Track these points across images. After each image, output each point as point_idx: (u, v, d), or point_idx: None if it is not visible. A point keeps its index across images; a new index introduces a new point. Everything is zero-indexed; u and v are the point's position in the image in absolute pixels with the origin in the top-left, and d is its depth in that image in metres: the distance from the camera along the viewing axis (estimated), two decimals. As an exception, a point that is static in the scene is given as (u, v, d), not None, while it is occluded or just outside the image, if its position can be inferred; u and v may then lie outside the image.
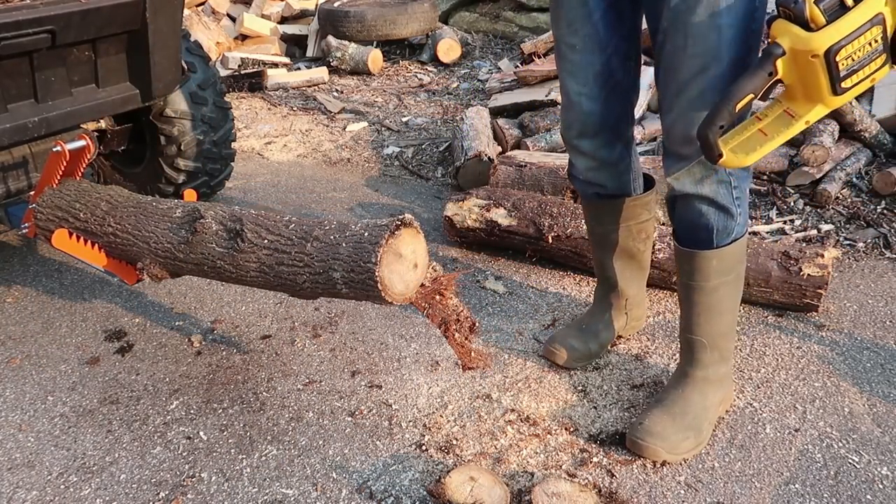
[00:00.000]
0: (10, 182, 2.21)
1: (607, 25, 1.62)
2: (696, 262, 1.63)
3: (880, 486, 1.59)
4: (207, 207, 1.76)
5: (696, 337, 1.71)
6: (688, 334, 1.72)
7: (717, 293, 1.65)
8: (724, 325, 1.70)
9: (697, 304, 1.67)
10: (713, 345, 1.71)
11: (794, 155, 2.96)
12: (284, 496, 1.60)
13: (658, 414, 1.69)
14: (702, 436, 1.69)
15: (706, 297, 1.66)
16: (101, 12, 2.02)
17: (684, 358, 1.76)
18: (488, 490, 1.53)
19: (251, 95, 4.71)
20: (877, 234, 2.64)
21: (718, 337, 1.70)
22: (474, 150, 3.12)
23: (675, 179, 1.59)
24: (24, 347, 2.13)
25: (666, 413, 1.69)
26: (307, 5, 5.70)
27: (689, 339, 1.73)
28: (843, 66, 1.34)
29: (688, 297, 1.69)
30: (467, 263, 2.58)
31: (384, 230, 1.46)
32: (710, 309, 1.67)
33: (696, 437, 1.68)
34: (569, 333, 2.01)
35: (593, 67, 1.66)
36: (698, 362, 1.73)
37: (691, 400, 1.71)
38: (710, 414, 1.72)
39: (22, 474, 1.67)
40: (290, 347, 2.11)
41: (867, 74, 1.36)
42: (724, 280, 1.64)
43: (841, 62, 1.33)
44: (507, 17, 5.75)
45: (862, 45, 1.32)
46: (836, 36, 1.31)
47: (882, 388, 1.89)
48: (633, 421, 1.73)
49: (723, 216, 1.59)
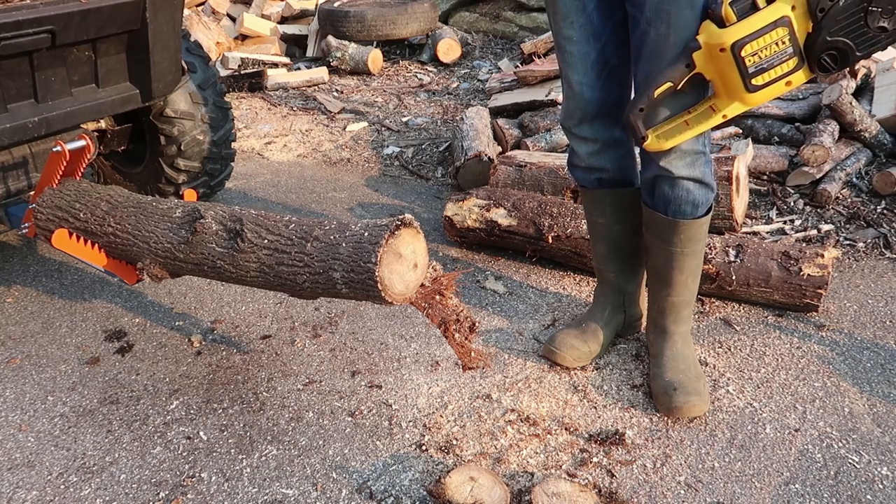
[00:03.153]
0: (10, 182, 2.21)
1: (601, 15, 1.68)
2: (689, 231, 1.76)
3: (880, 486, 1.59)
4: (207, 207, 1.76)
5: (683, 298, 1.86)
6: (674, 298, 1.86)
7: (700, 256, 1.83)
8: (696, 285, 1.88)
9: (687, 268, 1.82)
10: (692, 301, 1.89)
11: (794, 155, 2.96)
12: (284, 496, 1.60)
13: (672, 375, 1.82)
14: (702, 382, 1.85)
15: (694, 260, 1.82)
16: (101, 12, 2.02)
17: (668, 319, 1.89)
18: (488, 490, 1.52)
19: (251, 95, 4.71)
20: (877, 234, 2.64)
21: (693, 296, 1.89)
22: (474, 150, 3.11)
23: (669, 163, 1.69)
24: (24, 347, 2.13)
25: (679, 373, 1.82)
26: (307, 5, 5.70)
27: (674, 303, 1.87)
28: (749, 61, 1.47)
29: (678, 263, 1.81)
30: (467, 263, 2.58)
31: (384, 230, 1.46)
32: (696, 269, 1.85)
33: (705, 388, 1.83)
34: (568, 333, 2.01)
35: (590, 57, 1.72)
36: (685, 319, 1.90)
37: (686, 354, 1.88)
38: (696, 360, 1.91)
39: (22, 474, 1.67)
40: (290, 347, 2.11)
41: (779, 75, 1.48)
42: (702, 244, 1.82)
43: (747, 58, 1.47)
44: (507, 17, 5.75)
45: (768, 44, 1.45)
46: (741, 32, 1.45)
47: (882, 388, 1.89)
48: (659, 391, 1.83)
49: (705, 191, 1.74)
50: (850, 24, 1.43)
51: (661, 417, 1.80)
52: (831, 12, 1.42)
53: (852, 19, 1.42)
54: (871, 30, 1.43)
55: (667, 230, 1.79)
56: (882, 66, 3.27)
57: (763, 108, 3.11)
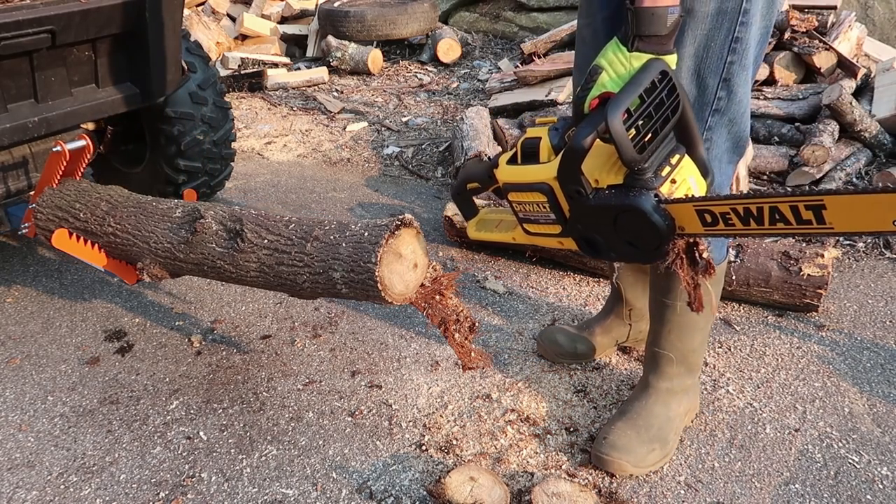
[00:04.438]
0: (10, 182, 2.21)
1: (608, 29, 1.56)
2: (675, 281, 1.59)
3: (880, 486, 1.59)
4: (207, 207, 1.76)
5: (664, 351, 1.69)
6: (655, 348, 1.70)
7: (692, 313, 1.61)
8: (696, 342, 1.69)
9: (670, 322, 1.65)
10: (681, 359, 1.69)
11: (794, 155, 2.96)
12: (284, 496, 1.60)
13: (622, 427, 1.66)
14: (668, 447, 1.66)
15: (680, 317, 1.63)
16: (101, 12, 2.02)
17: (648, 369, 1.73)
18: (488, 490, 1.52)
19: (251, 95, 4.71)
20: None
21: (689, 353, 1.69)
22: (474, 150, 3.11)
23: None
24: (24, 347, 2.13)
25: (630, 426, 1.66)
26: (307, 5, 5.70)
27: (655, 353, 1.70)
28: (517, 207, 1.38)
29: (661, 314, 1.66)
30: (467, 263, 2.58)
31: (384, 230, 1.46)
32: (683, 327, 1.65)
33: (661, 449, 1.65)
34: (560, 330, 2.01)
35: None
36: (663, 374, 1.71)
37: (654, 412, 1.68)
38: (675, 424, 1.69)
39: (22, 474, 1.67)
40: (290, 347, 2.11)
41: (549, 233, 1.36)
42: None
43: (514, 203, 1.38)
44: (507, 17, 5.75)
45: (529, 202, 1.34)
46: (509, 177, 1.36)
47: (882, 388, 1.89)
48: (597, 435, 1.70)
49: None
50: (598, 225, 1.27)
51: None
52: (578, 204, 1.26)
53: (602, 223, 1.26)
54: (620, 241, 1.26)
55: (654, 272, 1.65)
56: (882, 66, 3.27)
57: (763, 108, 3.11)
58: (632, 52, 1.18)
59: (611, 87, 1.18)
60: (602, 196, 1.24)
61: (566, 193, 1.27)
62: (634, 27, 1.17)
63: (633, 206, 1.19)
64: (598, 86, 1.19)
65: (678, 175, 1.23)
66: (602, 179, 1.24)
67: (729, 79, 1.40)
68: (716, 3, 1.34)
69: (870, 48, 3.61)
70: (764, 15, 1.40)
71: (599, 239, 1.28)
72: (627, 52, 1.19)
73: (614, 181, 1.23)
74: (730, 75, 1.39)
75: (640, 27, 1.17)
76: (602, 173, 1.24)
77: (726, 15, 1.35)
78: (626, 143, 1.14)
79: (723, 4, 1.34)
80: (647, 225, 1.19)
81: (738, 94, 1.42)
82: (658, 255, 1.24)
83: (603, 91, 1.19)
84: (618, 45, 1.20)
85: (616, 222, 1.23)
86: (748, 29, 1.36)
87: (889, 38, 4.47)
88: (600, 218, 1.25)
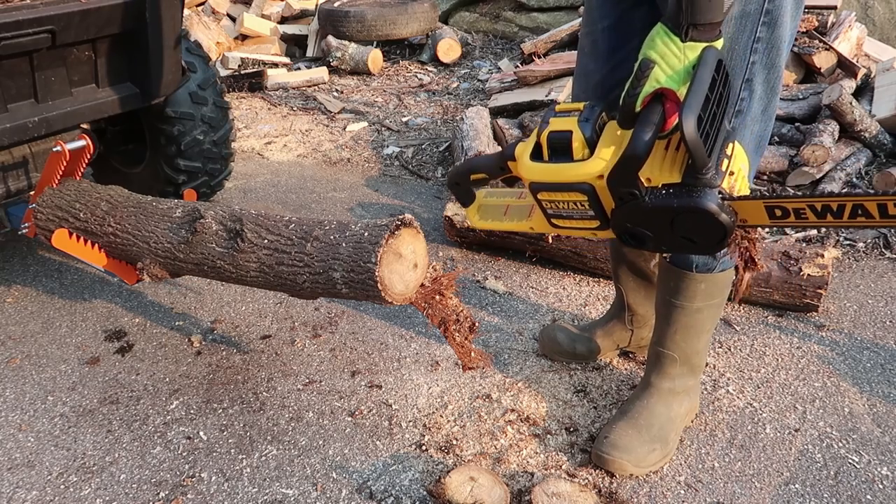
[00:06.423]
0: (10, 182, 2.21)
1: (608, 40, 1.54)
2: (685, 282, 1.59)
3: (880, 486, 1.59)
4: (207, 207, 1.76)
5: (667, 352, 1.68)
6: (659, 348, 1.69)
7: (699, 314, 1.63)
8: (700, 344, 1.68)
9: (676, 323, 1.64)
10: (684, 360, 1.68)
11: (794, 155, 2.96)
12: (284, 496, 1.60)
13: (623, 426, 1.66)
14: (668, 447, 1.66)
15: (687, 318, 1.63)
16: (101, 12, 2.02)
17: (651, 368, 1.73)
18: (488, 490, 1.52)
19: (251, 95, 4.71)
20: (877, 234, 2.64)
21: (692, 354, 1.68)
22: (474, 150, 3.11)
23: None
24: (24, 347, 2.13)
25: (631, 426, 1.66)
26: (307, 5, 5.70)
27: (659, 353, 1.70)
28: (547, 205, 1.29)
29: (668, 314, 1.65)
30: (467, 263, 2.58)
31: (384, 230, 1.46)
32: (689, 329, 1.64)
33: (662, 449, 1.65)
34: (561, 328, 2.01)
35: (594, 76, 1.59)
36: (666, 374, 1.70)
37: (656, 411, 1.68)
38: (676, 424, 1.69)
39: (22, 474, 1.67)
40: (290, 347, 2.11)
41: (580, 227, 1.30)
42: (708, 303, 1.62)
43: (543, 201, 1.28)
44: (507, 17, 5.74)
45: (564, 200, 1.26)
46: (539, 176, 1.25)
47: (882, 388, 1.89)
48: (598, 434, 1.70)
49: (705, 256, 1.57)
50: (652, 224, 1.21)
51: (661, 417, 1.80)
52: (631, 205, 1.19)
53: (657, 222, 1.20)
54: (675, 237, 1.21)
55: (664, 271, 1.64)
56: (882, 66, 3.27)
57: (763, 108, 3.11)
58: (685, 42, 1.09)
59: (667, 84, 1.09)
60: (659, 197, 1.16)
61: (616, 195, 1.19)
62: (689, 15, 1.07)
63: (699, 208, 1.13)
64: (652, 81, 1.10)
65: (734, 165, 1.18)
66: (655, 178, 1.17)
67: (751, 79, 1.39)
68: (740, 5, 1.33)
69: (870, 48, 3.61)
70: (793, 16, 1.38)
71: (648, 234, 1.21)
72: (681, 42, 1.09)
73: (670, 179, 1.16)
74: (752, 75, 1.38)
75: (696, 15, 1.07)
76: (655, 171, 1.17)
77: (749, 17, 1.34)
78: (701, 149, 1.07)
79: (746, 7, 1.33)
80: (712, 223, 1.14)
81: (758, 93, 1.41)
82: (719, 249, 1.20)
83: (657, 87, 1.10)
84: (667, 33, 1.10)
85: (674, 221, 1.17)
86: (769, 29, 1.35)
87: (889, 38, 4.47)
88: (656, 218, 1.18)
